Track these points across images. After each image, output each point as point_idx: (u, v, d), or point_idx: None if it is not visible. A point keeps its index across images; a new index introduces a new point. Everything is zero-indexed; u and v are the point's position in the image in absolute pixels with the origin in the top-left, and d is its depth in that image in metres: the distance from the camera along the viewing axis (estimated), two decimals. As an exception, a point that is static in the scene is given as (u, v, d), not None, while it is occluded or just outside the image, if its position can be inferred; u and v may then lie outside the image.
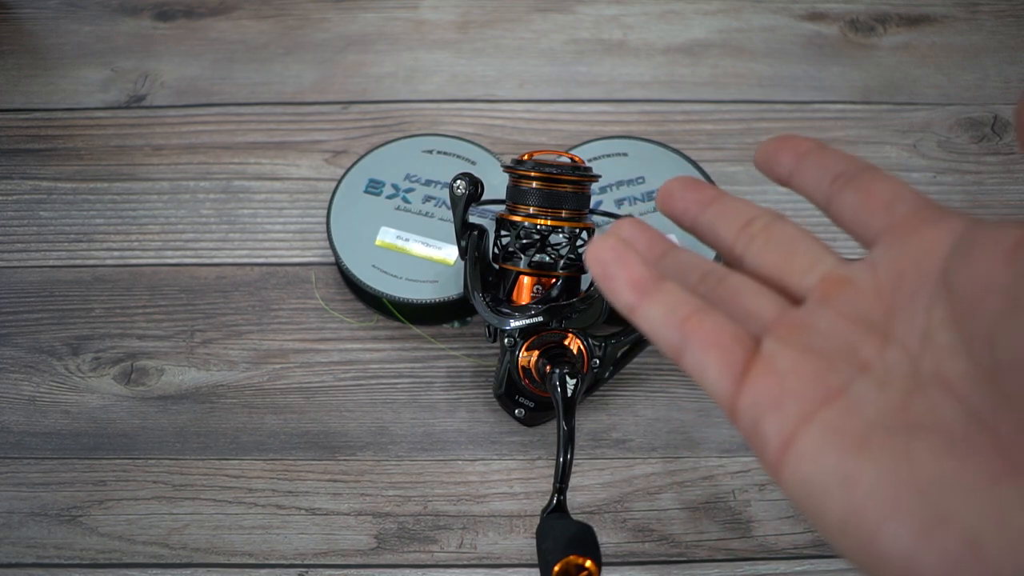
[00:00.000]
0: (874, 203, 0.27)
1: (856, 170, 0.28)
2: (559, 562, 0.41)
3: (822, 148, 0.29)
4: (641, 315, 0.26)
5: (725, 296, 0.27)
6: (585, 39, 0.76)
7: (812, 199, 0.29)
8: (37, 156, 0.70)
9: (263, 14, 0.77)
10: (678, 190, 0.30)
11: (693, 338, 0.26)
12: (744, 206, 0.30)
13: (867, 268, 0.26)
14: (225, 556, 0.54)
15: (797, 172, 0.29)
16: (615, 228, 0.29)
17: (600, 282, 0.27)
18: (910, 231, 0.26)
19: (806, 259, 0.27)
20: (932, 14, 0.77)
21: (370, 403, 0.59)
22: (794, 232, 0.28)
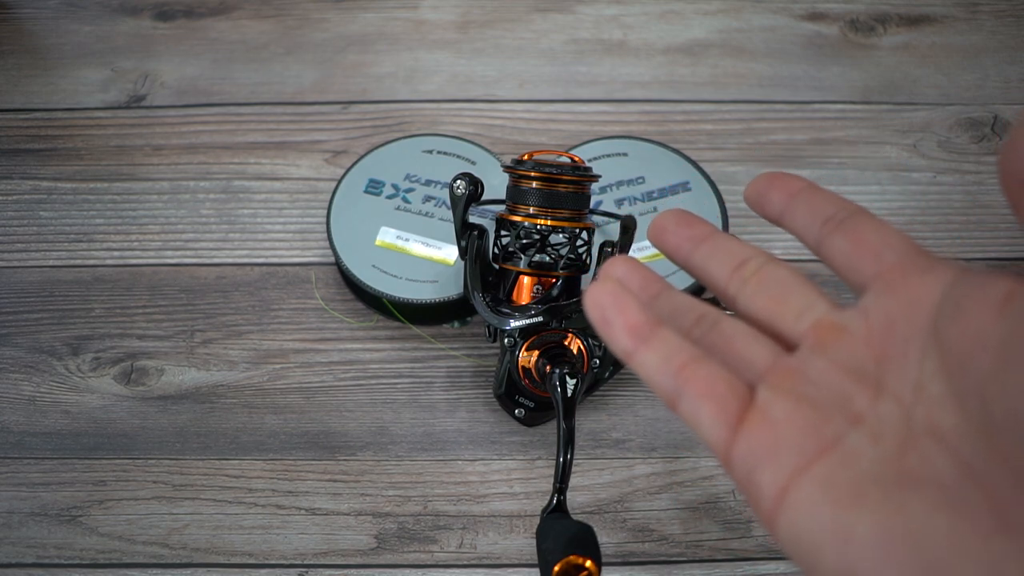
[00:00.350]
0: (864, 249, 0.27)
1: (846, 214, 0.28)
2: (559, 562, 0.41)
3: (813, 189, 0.29)
4: (638, 361, 0.27)
5: (719, 342, 0.28)
6: (585, 39, 0.76)
7: (802, 240, 0.29)
8: (37, 156, 0.70)
9: (263, 14, 0.77)
10: (671, 225, 0.30)
11: (688, 387, 0.26)
12: (737, 246, 0.30)
13: (858, 315, 0.26)
14: (225, 556, 0.54)
15: (788, 212, 0.29)
16: (609, 268, 0.29)
17: (598, 327, 0.27)
18: (900, 279, 0.26)
19: (798, 304, 0.27)
20: (932, 14, 0.77)
21: (370, 403, 0.59)
22: (787, 276, 0.28)
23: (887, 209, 0.66)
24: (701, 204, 0.62)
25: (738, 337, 0.27)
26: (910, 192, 0.67)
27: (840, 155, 0.69)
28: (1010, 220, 0.66)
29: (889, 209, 0.67)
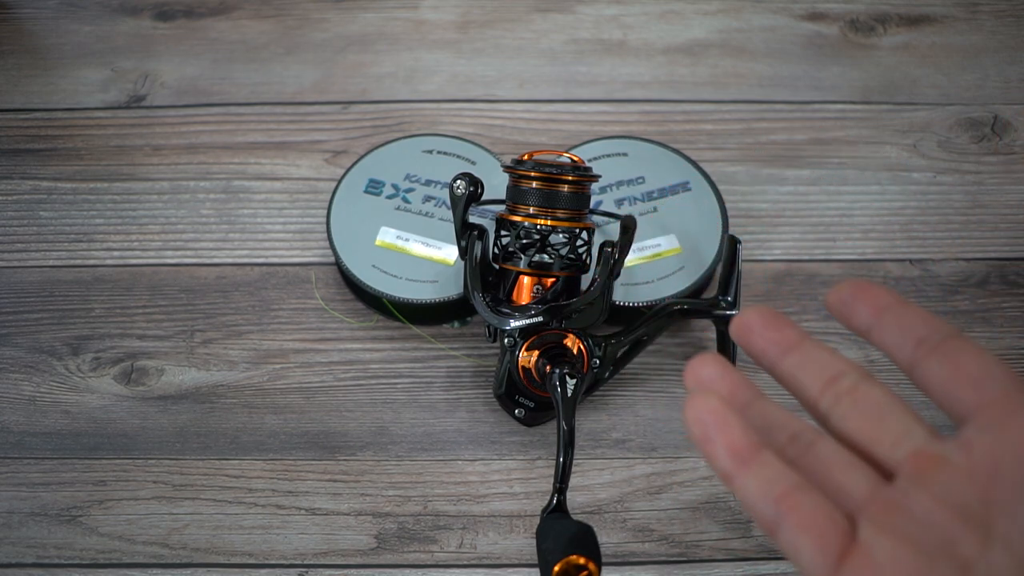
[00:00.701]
0: (962, 378, 0.26)
1: (940, 336, 0.27)
2: (559, 562, 0.41)
3: (902, 305, 0.28)
4: (738, 485, 0.26)
5: (815, 466, 0.27)
6: (585, 39, 0.76)
7: (894, 359, 0.28)
8: (37, 156, 0.70)
9: (263, 14, 0.77)
10: (758, 327, 0.29)
11: (789, 517, 0.25)
12: (829, 357, 0.29)
13: (960, 448, 0.25)
14: (225, 556, 0.54)
15: (877, 329, 0.28)
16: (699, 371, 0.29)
17: (698, 443, 0.27)
18: (1005, 416, 0.25)
19: (896, 429, 0.27)
20: (932, 14, 0.77)
21: (370, 403, 0.59)
22: (882, 397, 0.28)
23: (887, 209, 0.66)
24: (701, 204, 0.62)
25: (835, 462, 0.27)
26: (910, 192, 0.67)
27: (840, 155, 0.69)
28: (1010, 220, 0.66)
29: (889, 209, 0.67)
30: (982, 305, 0.62)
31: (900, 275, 0.64)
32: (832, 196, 0.67)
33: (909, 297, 0.62)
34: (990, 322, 0.62)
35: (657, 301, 0.58)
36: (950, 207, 0.67)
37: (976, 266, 0.64)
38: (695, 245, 0.60)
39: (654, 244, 0.61)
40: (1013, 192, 0.67)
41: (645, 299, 0.58)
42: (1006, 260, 0.64)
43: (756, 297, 0.62)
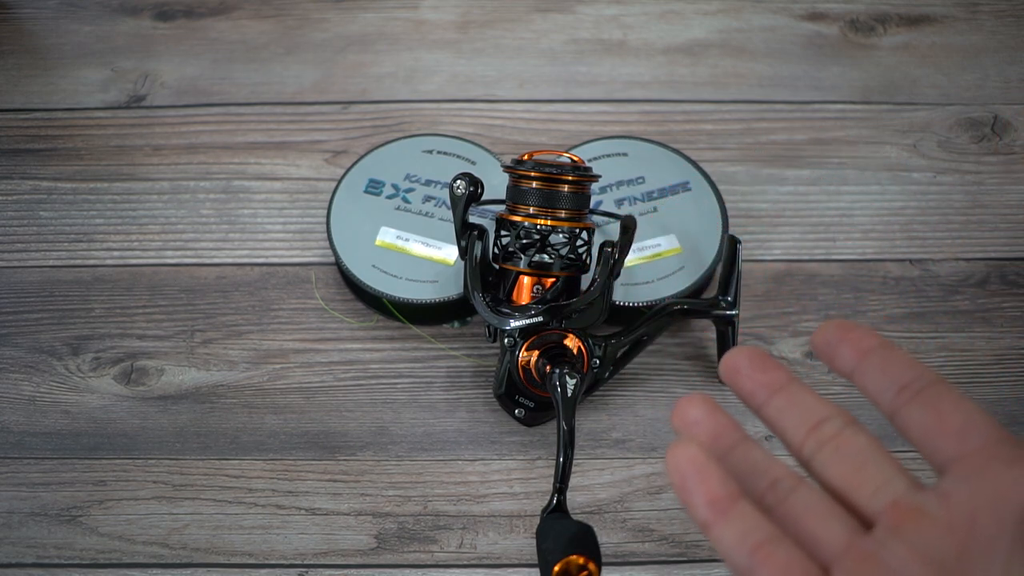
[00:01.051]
0: (945, 427, 0.26)
1: (924, 383, 0.27)
2: (559, 562, 0.41)
3: (887, 348, 0.28)
4: (715, 535, 0.26)
5: (793, 513, 0.27)
6: (585, 39, 0.76)
7: (875, 403, 0.28)
8: (37, 156, 0.70)
9: (263, 14, 0.77)
10: (746, 368, 0.29)
11: (762, 568, 0.25)
12: (814, 402, 0.29)
13: (939, 499, 0.25)
14: (225, 556, 0.54)
15: (860, 371, 0.28)
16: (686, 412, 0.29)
17: (677, 491, 0.27)
18: (984, 468, 0.25)
19: (876, 478, 0.27)
20: (932, 14, 0.77)
21: (370, 403, 0.59)
22: (865, 444, 0.28)
23: (887, 209, 0.67)
24: (701, 204, 0.62)
25: (813, 511, 0.27)
26: (910, 192, 0.67)
27: (840, 155, 0.69)
28: (1010, 220, 0.66)
29: (889, 209, 0.67)
30: (982, 305, 0.62)
31: (900, 275, 0.64)
32: (832, 196, 0.67)
33: (909, 297, 0.63)
34: (990, 322, 0.62)
35: (657, 301, 0.58)
36: (950, 207, 0.67)
37: (976, 266, 0.64)
38: (695, 245, 0.61)
39: (654, 244, 0.61)
40: (1013, 192, 0.67)
41: (645, 299, 0.58)
42: (1006, 260, 0.64)
43: (756, 297, 0.63)
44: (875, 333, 0.29)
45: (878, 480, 0.27)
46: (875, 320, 0.62)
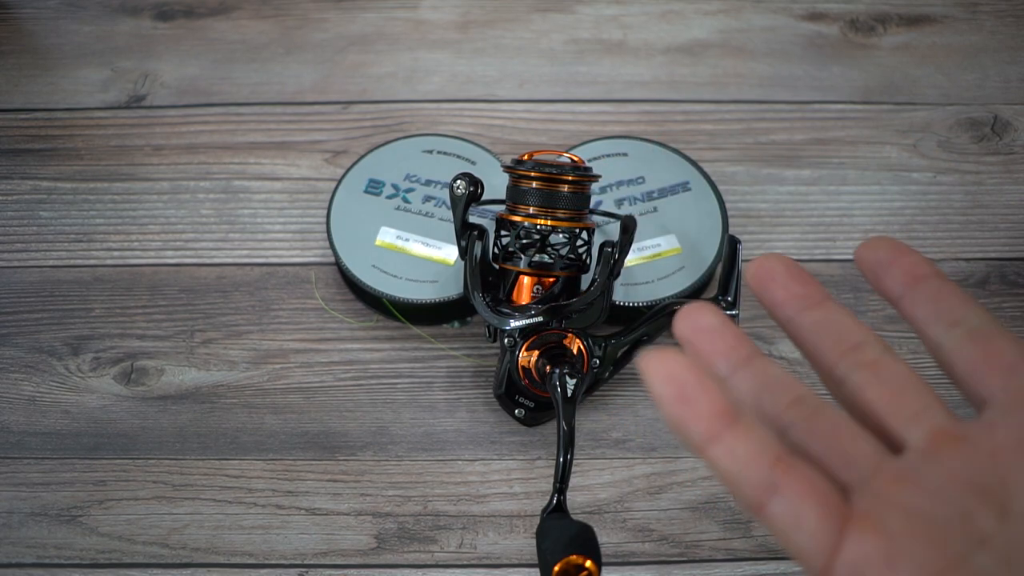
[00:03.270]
0: (995, 362, 0.25)
1: (979, 322, 0.26)
2: (559, 562, 0.41)
3: (939, 279, 0.27)
4: (722, 450, 0.23)
5: (820, 431, 0.25)
6: (585, 39, 0.76)
7: (920, 333, 0.27)
8: (37, 156, 0.70)
9: (263, 14, 0.77)
10: (782, 276, 0.28)
11: (788, 482, 0.23)
12: (853, 324, 0.27)
13: (983, 429, 0.25)
14: (225, 556, 0.54)
15: (908, 299, 0.27)
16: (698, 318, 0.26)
17: (668, 403, 0.24)
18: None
19: (914, 404, 0.26)
20: (932, 14, 0.77)
21: (370, 403, 0.59)
22: (905, 372, 0.26)
23: (887, 209, 0.66)
24: (701, 204, 0.62)
25: (843, 430, 0.25)
26: (910, 192, 0.67)
27: (840, 155, 0.69)
28: (1010, 220, 0.66)
29: (889, 209, 0.67)
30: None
31: (900, 275, 0.64)
32: (832, 196, 0.67)
33: (909, 297, 0.62)
34: (990, 322, 0.62)
35: (657, 301, 0.58)
36: (950, 207, 0.67)
37: (976, 266, 0.64)
38: (695, 245, 0.60)
39: (654, 244, 0.61)
40: (1013, 192, 0.67)
41: (645, 299, 0.58)
42: (1006, 260, 0.64)
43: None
44: (928, 260, 0.27)
45: (916, 407, 0.25)
46: (875, 320, 0.62)
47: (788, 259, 0.28)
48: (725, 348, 0.26)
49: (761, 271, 0.28)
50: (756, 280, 0.28)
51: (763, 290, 0.28)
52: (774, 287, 0.28)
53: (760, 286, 0.28)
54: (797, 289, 0.28)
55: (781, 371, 0.27)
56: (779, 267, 0.28)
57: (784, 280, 0.28)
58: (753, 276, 0.28)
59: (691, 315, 0.26)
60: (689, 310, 0.27)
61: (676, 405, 0.24)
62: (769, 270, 0.28)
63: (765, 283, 0.28)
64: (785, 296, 0.28)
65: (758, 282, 0.28)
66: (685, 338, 0.27)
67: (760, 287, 0.28)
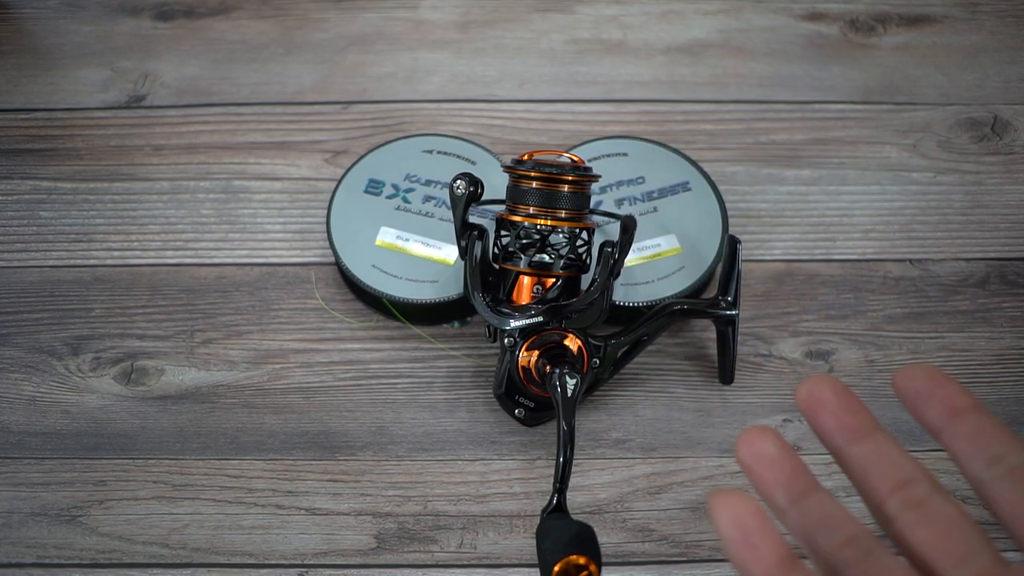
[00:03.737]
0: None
1: (1019, 459, 0.26)
2: (559, 562, 0.41)
3: (979, 413, 0.27)
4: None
5: (873, 574, 0.26)
6: (585, 39, 0.76)
7: (961, 468, 0.27)
8: (37, 156, 0.70)
9: (263, 14, 0.77)
10: (832, 404, 0.28)
11: None
12: (901, 458, 0.27)
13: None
14: (225, 556, 0.54)
15: (948, 433, 0.27)
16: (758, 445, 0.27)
17: (732, 546, 0.25)
18: None
19: (963, 548, 0.26)
20: (932, 14, 0.77)
21: (370, 403, 0.59)
22: (954, 513, 0.26)
23: (887, 209, 0.66)
24: (701, 204, 0.62)
25: (895, 573, 0.25)
26: (910, 192, 0.67)
27: (840, 155, 0.69)
28: (1010, 220, 0.66)
29: (889, 209, 0.67)
30: (982, 305, 0.62)
31: (900, 275, 0.64)
32: (832, 196, 0.67)
33: (909, 297, 0.63)
34: (990, 322, 0.62)
35: (657, 301, 0.58)
36: (950, 207, 0.67)
37: (976, 266, 0.64)
38: (695, 245, 0.61)
39: (654, 244, 0.61)
40: (1013, 192, 0.67)
41: (645, 299, 0.58)
42: (1006, 260, 0.64)
43: (756, 297, 0.63)
44: (967, 391, 0.27)
45: (964, 550, 0.26)
46: (875, 320, 0.62)
47: (838, 383, 0.28)
48: (784, 479, 0.27)
49: (811, 398, 0.28)
50: (806, 406, 0.28)
51: (813, 417, 0.28)
52: (824, 416, 0.28)
53: (810, 413, 0.28)
54: (847, 419, 0.28)
55: (837, 507, 0.27)
56: (829, 394, 0.28)
57: (834, 408, 0.28)
58: (803, 401, 0.28)
59: (752, 442, 0.27)
60: (750, 436, 0.27)
61: (741, 549, 0.25)
62: (819, 397, 0.28)
63: (815, 410, 0.28)
64: (835, 425, 0.28)
65: (808, 408, 0.28)
66: (745, 466, 0.27)
67: (810, 414, 0.28)
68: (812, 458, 0.30)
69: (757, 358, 0.60)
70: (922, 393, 0.28)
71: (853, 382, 0.59)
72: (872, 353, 0.60)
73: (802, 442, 0.57)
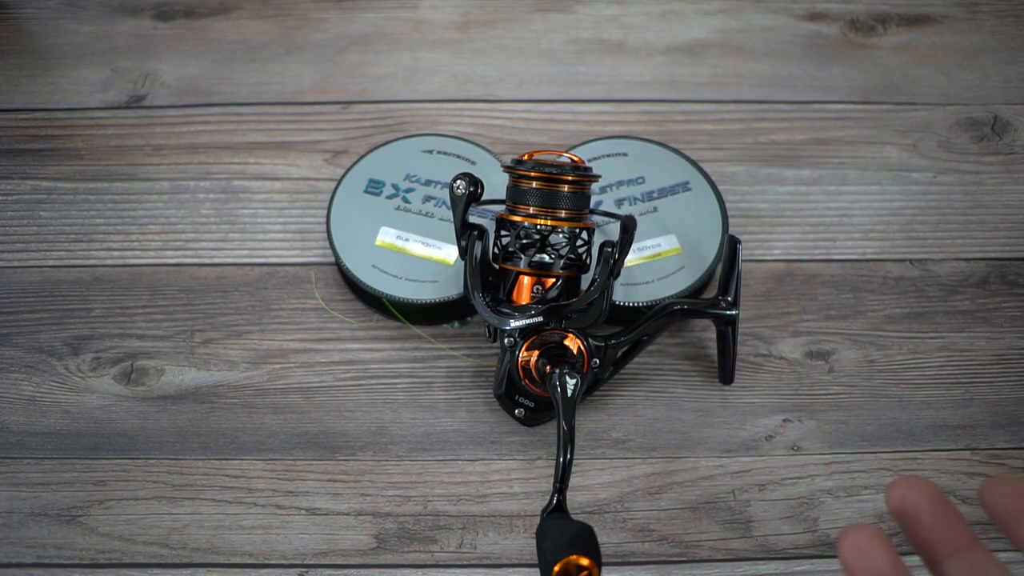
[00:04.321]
0: None
1: None
2: (559, 562, 0.41)
3: None
4: None
5: None
6: (585, 39, 0.76)
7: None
8: (37, 156, 0.70)
9: (263, 14, 0.77)
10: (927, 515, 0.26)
11: None
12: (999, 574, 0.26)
13: None
14: (225, 556, 0.54)
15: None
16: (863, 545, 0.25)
17: None
18: None
19: None
20: (932, 14, 0.77)
21: (370, 403, 0.59)
22: None
23: (887, 209, 0.66)
24: (701, 204, 0.62)
25: None
26: (910, 192, 0.67)
27: (840, 155, 0.69)
28: (1010, 220, 0.66)
29: (889, 209, 0.67)
30: (982, 305, 0.62)
31: (900, 275, 0.64)
32: (832, 196, 0.67)
33: (909, 297, 0.63)
34: (990, 322, 0.62)
35: (657, 301, 0.58)
36: (950, 207, 0.67)
37: (976, 266, 0.64)
38: (695, 245, 0.60)
39: (654, 244, 0.61)
40: (1013, 192, 0.67)
41: (645, 299, 0.58)
42: (1006, 260, 0.64)
43: (756, 297, 0.63)
44: None
45: None
46: (875, 320, 0.62)
47: (932, 488, 0.27)
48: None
49: (903, 504, 0.27)
50: (898, 514, 0.27)
51: (906, 527, 0.27)
52: (918, 528, 0.26)
53: (903, 521, 0.27)
54: (943, 533, 0.26)
55: None
56: (923, 503, 0.26)
57: (930, 520, 0.26)
58: (895, 509, 0.27)
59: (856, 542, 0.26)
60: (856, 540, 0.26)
61: None
62: (913, 504, 0.26)
63: (908, 520, 0.27)
64: (930, 537, 0.26)
65: (900, 516, 0.27)
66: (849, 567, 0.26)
67: (903, 522, 0.27)
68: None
69: (757, 358, 0.60)
70: (1010, 510, 0.26)
71: (853, 382, 0.59)
72: (872, 353, 0.60)
73: (802, 442, 0.57)
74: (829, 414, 0.58)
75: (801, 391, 0.59)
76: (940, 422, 0.57)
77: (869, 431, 0.57)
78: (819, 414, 0.58)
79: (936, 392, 0.59)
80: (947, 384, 0.59)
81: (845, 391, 0.59)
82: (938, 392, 0.59)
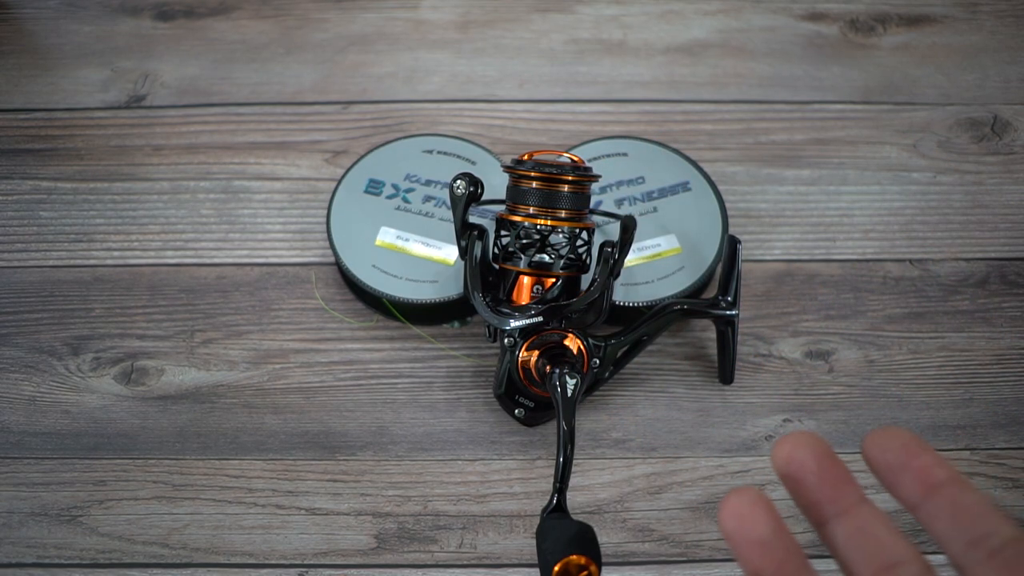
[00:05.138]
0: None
1: (1000, 540, 0.24)
2: (559, 562, 0.41)
3: (957, 486, 0.25)
4: None
5: None
6: (585, 39, 0.76)
7: (941, 547, 0.24)
8: (37, 156, 0.70)
9: (263, 14, 0.77)
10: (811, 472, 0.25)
11: None
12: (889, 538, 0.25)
13: None
14: (225, 556, 0.54)
15: (925, 511, 0.25)
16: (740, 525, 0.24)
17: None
18: None
19: None
20: (932, 14, 0.77)
21: (370, 403, 0.59)
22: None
23: (887, 209, 0.67)
24: (701, 204, 0.62)
25: None
26: (910, 192, 0.67)
27: (840, 155, 0.69)
28: (1010, 220, 0.66)
29: (889, 209, 0.67)
30: (982, 305, 0.62)
31: (900, 275, 0.64)
32: (832, 196, 0.67)
33: (909, 297, 0.63)
34: (990, 322, 0.62)
35: (657, 301, 0.58)
36: (950, 207, 0.67)
37: (976, 266, 0.64)
38: (695, 245, 0.61)
39: (654, 244, 0.61)
40: (1013, 192, 0.67)
41: (645, 299, 0.58)
42: (1006, 260, 0.64)
43: (756, 297, 0.63)
44: (943, 461, 0.25)
45: None
46: (875, 320, 0.62)
47: (820, 444, 0.26)
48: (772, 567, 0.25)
49: (787, 464, 0.26)
50: (784, 474, 0.26)
51: (792, 487, 0.26)
52: (802, 487, 0.26)
53: (789, 481, 0.26)
54: (829, 492, 0.26)
55: None
56: (808, 458, 0.26)
57: (815, 480, 0.26)
58: (782, 472, 0.26)
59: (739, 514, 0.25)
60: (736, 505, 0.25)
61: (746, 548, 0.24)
62: (797, 460, 0.26)
63: (794, 479, 0.26)
64: (816, 498, 0.26)
65: (784, 475, 0.26)
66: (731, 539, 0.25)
67: (789, 482, 0.26)
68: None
69: (757, 358, 0.60)
70: (892, 465, 0.25)
71: (853, 382, 0.59)
72: (872, 353, 0.60)
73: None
74: (829, 414, 0.58)
75: (801, 391, 0.59)
76: (940, 422, 0.57)
77: (869, 431, 0.57)
78: (819, 414, 0.58)
79: (936, 392, 0.59)
80: (947, 384, 0.59)
81: (845, 391, 0.59)
82: (938, 392, 0.59)
